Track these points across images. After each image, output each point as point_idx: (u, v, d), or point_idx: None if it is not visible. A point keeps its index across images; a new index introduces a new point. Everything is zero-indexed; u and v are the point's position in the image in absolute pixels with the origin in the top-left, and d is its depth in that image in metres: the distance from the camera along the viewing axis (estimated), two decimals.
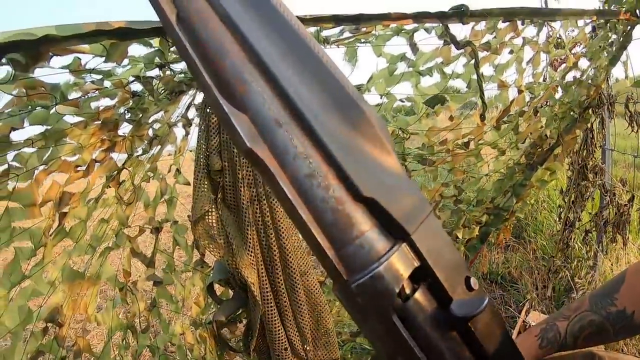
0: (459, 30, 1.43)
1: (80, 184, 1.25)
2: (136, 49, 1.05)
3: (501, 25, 1.52)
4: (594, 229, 3.18)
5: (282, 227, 1.35)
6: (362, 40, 1.31)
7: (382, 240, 0.33)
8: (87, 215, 1.31)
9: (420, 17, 1.25)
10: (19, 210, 1.10)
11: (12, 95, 0.95)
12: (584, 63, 2.09)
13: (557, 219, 3.65)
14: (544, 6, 2.83)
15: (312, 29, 1.19)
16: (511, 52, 1.64)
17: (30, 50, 0.84)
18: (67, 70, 0.99)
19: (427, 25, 1.34)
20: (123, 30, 0.89)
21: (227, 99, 0.33)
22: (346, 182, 0.33)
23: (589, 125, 2.62)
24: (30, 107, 1.01)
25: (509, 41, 1.59)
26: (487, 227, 2.05)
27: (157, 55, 1.13)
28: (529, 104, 1.82)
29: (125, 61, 1.00)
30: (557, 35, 1.84)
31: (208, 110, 1.33)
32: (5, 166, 1.04)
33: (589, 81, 2.12)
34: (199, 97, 1.40)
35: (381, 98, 1.48)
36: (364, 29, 1.29)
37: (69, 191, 1.22)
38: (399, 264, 0.32)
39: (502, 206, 2.00)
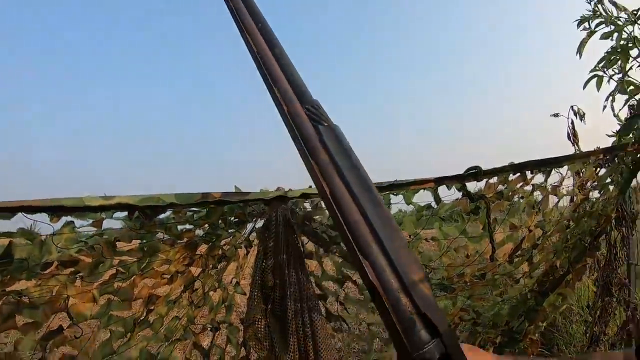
0: (475, 183, 1.84)
1: (164, 288, 1.72)
2: None
3: (512, 176, 1.93)
4: (619, 342, 3.41)
5: (319, 338, 1.75)
6: (395, 193, 1.75)
7: (428, 335, 0.61)
8: (166, 312, 1.75)
9: (440, 181, 1.68)
10: (118, 303, 1.60)
11: (131, 229, 1.45)
12: (594, 193, 2.44)
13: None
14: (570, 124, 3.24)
15: None
16: (522, 197, 2.02)
17: (157, 209, 1.34)
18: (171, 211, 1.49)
19: (447, 182, 1.77)
20: (220, 200, 1.39)
21: (367, 260, 0.62)
22: (414, 303, 0.62)
23: (611, 241, 2.97)
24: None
25: (520, 188, 1.98)
26: (500, 347, 2.36)
27: (236, 208, 1.62)
28: (540, 239, 2.18)
29: None
30: (565, 178, 2.19)
31: (265, 235, 1.79)
32: (114, 270, 1.52)
33: (599, 212, 2.46)
34: (259, 223, 1.86)
35: (410, 237, 1.87)
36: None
37: (155, 293, 1.69)
38: (436, 349, 0.61)
39: (515, 329, 2.31)
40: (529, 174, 1.97)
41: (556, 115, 3.50)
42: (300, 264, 1.82)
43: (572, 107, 3.40)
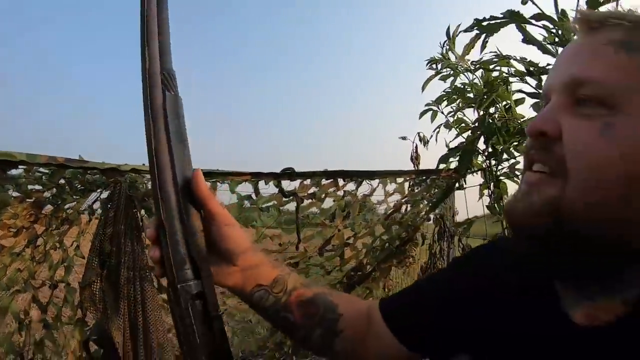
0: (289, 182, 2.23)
1: (9, 240, 1.96)
2: None
3: (325, 181, 2.34)
4: None
5: (148, 305, 2.04)
6: (221, 182, 2.10)
7: (192, 275, 0.76)
8: (9, 263, 1.99)
9: (257, 175, 2.07)
10: None
11: None
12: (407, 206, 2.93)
13: None
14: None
15: None
16: (334, 200, 2.44)
17: (12, 163, 1.65)
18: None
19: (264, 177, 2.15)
20: (63, 164, 1.71)
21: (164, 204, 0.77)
22: (188, 249, 0.78)
23: (433, 252, 3.52)
24: None
25: (332, 192, 2.40)
26: None
27: (79, 174, 1.93)
28: (350, 238, 2.62)
29: None
30: (375, 189, 2.63)
31: (109, 205, 2.09)
32: None
33: (409, 222, 2.95)
34: (105, 195, 2.16)
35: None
36: None
37: (1, 244, 1.94)
38: (195, 287, 0.76)
39: None
40: (341, 181, 2.39)
41: (404, 138, 4.01)
42: (137, 236, 2.08)
43: (418, 133, 3.93)
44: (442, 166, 3.03)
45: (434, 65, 3.37)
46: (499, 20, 2.08)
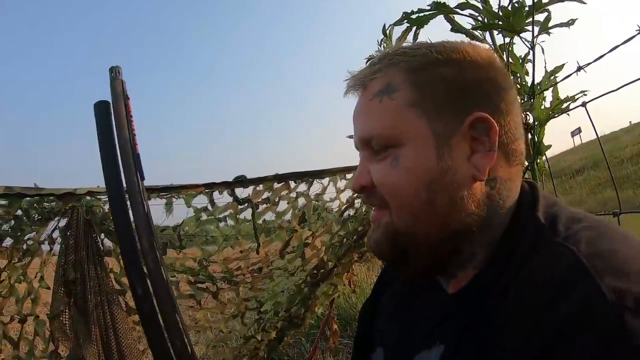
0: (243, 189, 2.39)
1: None
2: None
3: (277, 184, 2.48)
4: None
5: (120, 329, 2.10)
6: (176, 197, 2.24)
7: None
8: None
9: (210, 186, 2.21)
10: None
11: None
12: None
13: None
14: None
15: None
16: (288, 203, 2.57)
17: None
18: None
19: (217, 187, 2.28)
20: (20, 193, 1.83)
21: None
22: None
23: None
24: None
25: (286, 195, 2.53)
26: (282, 331, 2.89)
27: (35, 202, 2.04)
28: (308, 238, 2.75)
29: None
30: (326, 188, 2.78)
31: (68, 233, 2.20)
32: None
33: (363, 216, 3.09)
34: (63, 222, 2.25)
35: (195, 236, 2.36)
36: None
37: None
38: None
39: (294, 315, 2.87)
40: (292, 184, 2.53)
41: (351, 136, 4.23)
42: (100, 260, 2.14)
43: None
44: None
45: None
46: (427, 13, 2.15)
